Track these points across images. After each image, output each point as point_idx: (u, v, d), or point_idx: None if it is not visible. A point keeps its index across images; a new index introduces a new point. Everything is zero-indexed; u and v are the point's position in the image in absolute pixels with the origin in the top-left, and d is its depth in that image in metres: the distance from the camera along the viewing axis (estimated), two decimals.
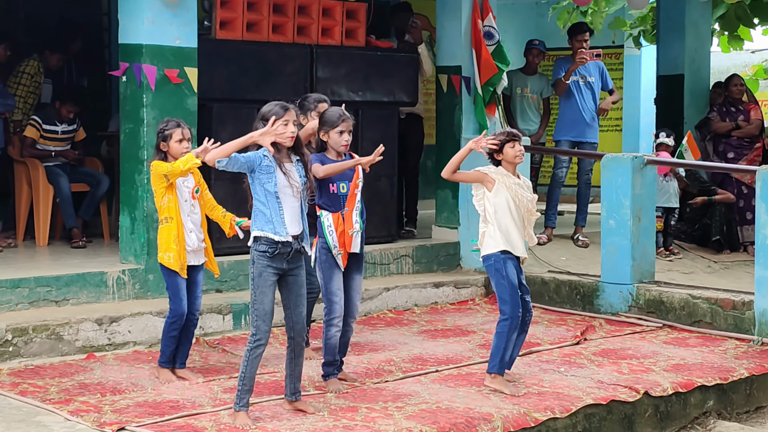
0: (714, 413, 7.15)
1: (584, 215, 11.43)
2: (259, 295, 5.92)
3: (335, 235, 6.63)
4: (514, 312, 6.66)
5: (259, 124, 5.91)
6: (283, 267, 5.97)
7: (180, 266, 6.76)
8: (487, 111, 10.36)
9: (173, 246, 6.74)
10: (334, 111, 6.70)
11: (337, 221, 6.64)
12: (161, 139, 6.78)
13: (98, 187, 10.20)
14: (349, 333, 6.87)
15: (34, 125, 10.03)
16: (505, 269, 6.66)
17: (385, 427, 5.86)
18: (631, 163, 9.20)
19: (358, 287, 6.83)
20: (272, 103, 5.98)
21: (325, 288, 6.70)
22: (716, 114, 12.36)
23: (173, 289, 6.81)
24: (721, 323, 8.55)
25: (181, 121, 6.85)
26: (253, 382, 5.98)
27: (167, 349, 6.85)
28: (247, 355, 5.93)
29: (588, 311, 9.29)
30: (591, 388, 6.81)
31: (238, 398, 5.94)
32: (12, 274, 8.03)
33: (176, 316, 6.81)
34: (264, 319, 5.91)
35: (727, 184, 11.88)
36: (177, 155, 6.74)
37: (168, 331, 6.83)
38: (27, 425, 5.88)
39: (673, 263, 10.77)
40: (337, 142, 6.62)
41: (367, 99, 9.97)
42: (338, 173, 6.60)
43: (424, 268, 10.08)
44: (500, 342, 6.68)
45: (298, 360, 6.15)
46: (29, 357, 7.34)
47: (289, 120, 5.91)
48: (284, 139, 5.90)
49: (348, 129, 6.64)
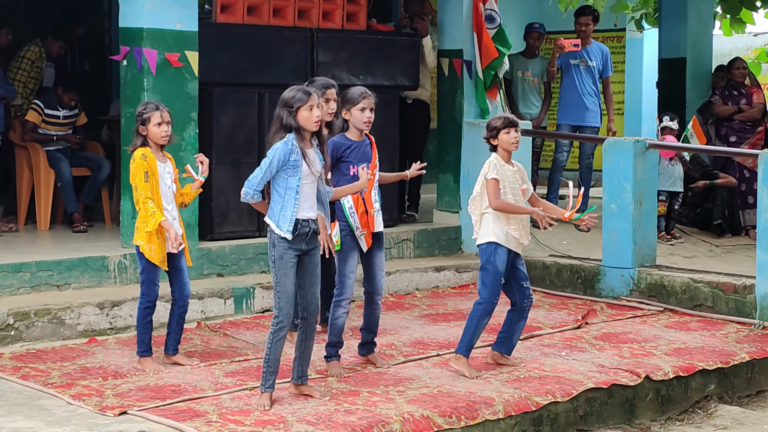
0: (715, 397, 7.15)
1: (586, 199, 11.40)
2: (281, 277, 5.92)
3: (357, 216, 6.68)
4: (491, 298, 6.69)
5: (282, 112, 5.88)
6: (303, 248, 5.98)
7: (161, 260, 6.71)
8: (488, 95, 10.35)
9: (155, 239, 6.67)
10: (356, 89, 6.77)
11: (357, 202, 6.68)
12: (140, 122, 6.69)
13: (99, 172, 10.19)
14: (378, 311, 6.90)
15: (35, 110, 10.02)
16: (494, 256, 6.67)
17: (387, 411, 5.86)
18: (633, 147, 9.19)
19: (381, 264, 6.86)
20: (294, 88, 5.95)
21: (340, 268, 6.73)
22: (718, 97, 12.34)
23: (150, 275, 6.73)
24: (722, 307, 8.55)
25: (160, 104, 6.75)
26: (278, 364, 5.98)
27: (145, 337, 6.76)
28: (270, 337, 5.94)
29: (589, 295, 9.29)
30: (592, 372, 6.81)
31: (263, 380, 5.97)
32: (13, 258, 8.04)
33: (150, 301, 6.73)
34: (287, 300, 5.92)
35: (729, 168, 11.86)
36: (156, 139, 6.68)
37: (143, 318, 6.74)
38: (29, 409, 5.89)
39: (674, 247, 10.77)
40: (359, 119, 6.66)
41: (368, 83, 9.89)
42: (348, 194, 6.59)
43: (426, 253, 10.08)
44: (470, 324, 6.73)
45: (309, 343, 6.15)
46: (31, 341, 7.35)
47: (313, 104, 5.91)
48: (311, 124, 5.90)
49: (370, 106, 6.68)
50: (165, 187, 6.73)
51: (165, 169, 6.75)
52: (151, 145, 6.71)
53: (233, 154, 9.03)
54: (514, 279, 6.82)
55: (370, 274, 6.83)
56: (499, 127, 6.71)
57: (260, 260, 8.89)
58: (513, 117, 6.79)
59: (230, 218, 9.07)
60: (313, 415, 5.77)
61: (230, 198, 9.03)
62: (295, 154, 5.85)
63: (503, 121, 6.73)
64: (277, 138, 5.89)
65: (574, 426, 6.42)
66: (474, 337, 6.75)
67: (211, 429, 5.47)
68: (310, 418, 5.73)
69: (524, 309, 6.86)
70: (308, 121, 5.89)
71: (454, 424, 5.88)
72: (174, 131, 6.87)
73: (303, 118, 5.88)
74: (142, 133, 6.70)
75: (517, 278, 6.82)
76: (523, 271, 6.84)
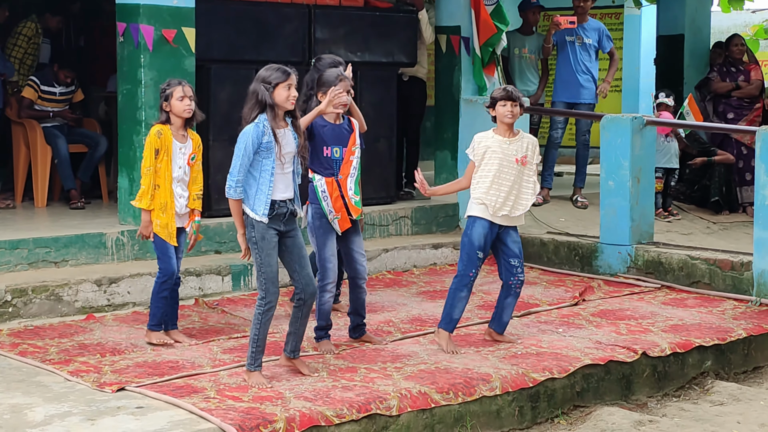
0: (712, 373, 7.17)
1: (583, 176, 11.41)
2: (265, 257, 5.91)
3: (330, 200, 6.61)
4: (464, 270, 6.73)
5: (259, 87, 5.86)
6: (281, 228, 5.97)
7: (168, 234, 6.74)
8: (485, 72, 10.33)
9: (161, 214, 6.72)
10: (331, 72, 6.71)
11: (331, 186, 6.61)
12: (163, 99, 6.75)
13: (96, 149, 10.18)
14: (363, 294, 6.86)
15: (32, 86, 10.01)
16: (471, 229, 6.72)
17: (384, 387, 5.88)
18: (631, 123, 9.18)
19: (359, 248, 6.82)
20: (271, 66, 5.93)
21: (319, 254, 6.69)
22: (716, 74, 12.33)
23: (161, 249, 6.78)
24: (719, 284, 8.56)
25: (183, 81, 6.81)
26: (265, 343, 6.00)
27: (158, 311, 6.79)
28: (258, 318, 5.93)
29: (586, 272, 9.30)
30: (589, 348, 6.83)
31: (251, 359, 5.96)
32: (11, 235, 8.04)
33: (166, 275, 6.76)
34: (272, 281, 5.92)
35: (727, 145, 11.87)
36: (180, 113, 6.71)
37: (159, 292, 6.77)
38: (27, 385, 5.91)
39: (672, 224, 10.78)
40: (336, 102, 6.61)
41: (366, 60, 9.92)
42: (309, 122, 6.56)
43: (423, 230, 10.08)
44: (448, 297, 6.80)
45: (305, 321, 6.16)
46: (29, 318, 7.36)
47: (292, 84, 5.90)
48: (286, 102, 5.89)
49: (346, 89, 6.62)
50: (176, 166, 6.75)
51: (181, 149, 6.77)
52: (174, 121, 6.74)
53: (230, 131, 8.89)
54: (502, 255, 6.82)
55: (350, 259, 6.80)
56: (496, 98, 6.73)
57: None
58: (514, 91, 6.77)
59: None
60: (310, 392, 5.79)
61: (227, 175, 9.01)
62: (267, 136, 5.84)
63: (502, 93, 6.74)
64: (251, 114, 5.88)
65: (571, 402, 6.44)
66: (452, 310, 6.75)
67: (209, 405, 5.49)
68: (308, 394, 5.74)
69: (510, 287, 6.85)
70: (284, 100, 5.88)
71: (452, 400, 5.90)
72: None
73: (279, 96, 5.86)
74: (165, 109, 6.75)
75: (505, 255, 6.82)
76: (512, 249, 6.81)
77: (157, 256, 6.84)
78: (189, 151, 6.82)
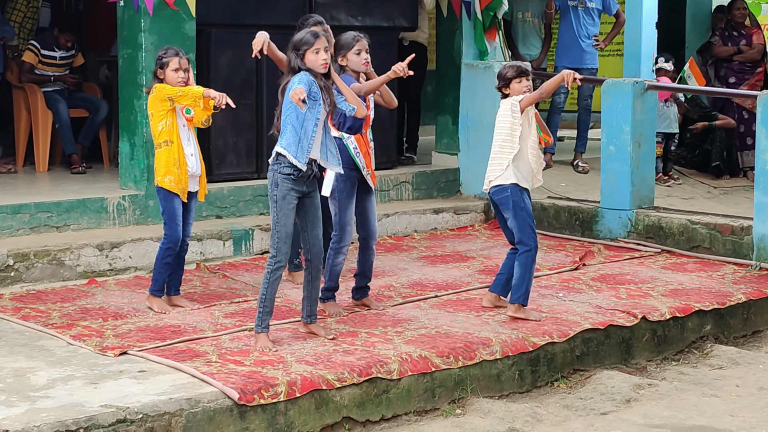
0: (711, 337, 7.20)
1: (584, 141, 11.40)
2: (282, 217, 5.94)
3: (362, 156, 6.69)
4: (535, 242, 6.69)
5: (291, 54, 5.92)
6: (303, 190, 6.00)
7: (181, 189, 6.72)
8: (487, 36, 10.29)
9: (174, 169, 6.68)
10: (348, 34, 6.72)
11: (360, 142, 6.70)
12: (158, 66, 6.72)
13: (97, 113, 10.17)
14: (372, 256, 6.90)
15: (32, 50, 9.98)
16: (521, 200, 6.67)
17: (385, 351, 5.91)
18: (632, 88, 9.16)
19: (373, 209, 6.86)
20: (302, 31, 6.01)
21: (340, 216, 6.71)
22: (718, 38, 12.29)
23: (170, 214, 6.75)
24: (719, 248, 8.58)
25: (180, 51, 6.76)
26: (273, 304, 6.03)
27: (161, 277, 6.80)
28: (267, 277, 5.97)
29: (587, 237, 9.32)
30: (589, 313, 6.85)
31: (258, 320, 6.00)
32: (12, 199, 8.05)
33: (172, 241, 6.74)
34: (285, 241, 5.95)
35: (728, 109, 11.85)
36: (172, 84, 6.68)
37: (162, 258, 6.76)
38: (30, 349, 5.93)
39: (672, 189, 10.78)
40: (357, 63, 6.62)
41: (367, 24, 9.87)
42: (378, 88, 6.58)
43: (424, 195, 10.09)
44: (524, 272, 6.67)
45: (315, 283, 6.20)
46: (31, 282, 7.39)
47: (320, 48, 5.93)
48: (318, 66, 5.91)
49: (365, 48, 6.65)
50: (181, 125, 6.74)
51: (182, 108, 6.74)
52: None
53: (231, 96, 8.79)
54: None
55: (364, 219, 6.84)
56: (511, 76, 6.70)
57: (259, 202, 8.91)
58: (524, 65, 6.77)
59: (228, 160, 9.08)
60: (312, 356, 5.82)
61: (228, 139, 9.03)
62: (316, 86, 5.90)
63: (515, 70, 6.71)
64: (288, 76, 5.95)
65: (570, 366, 6.47)
66: (530, 284, 6.70)
67: (211, 369, 5.52)
68: (309, 358, 5.77)
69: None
70: (315, 64, 5.92)
71: (452, 364, 5.93)
72: None
73: (310, 61, 5.92)
74: (159, 77, 6.71)
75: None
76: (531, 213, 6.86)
77: (164, 221, 6.79)
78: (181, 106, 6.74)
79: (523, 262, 6.68)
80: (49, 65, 10.04)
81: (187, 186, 6.75)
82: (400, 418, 5.73)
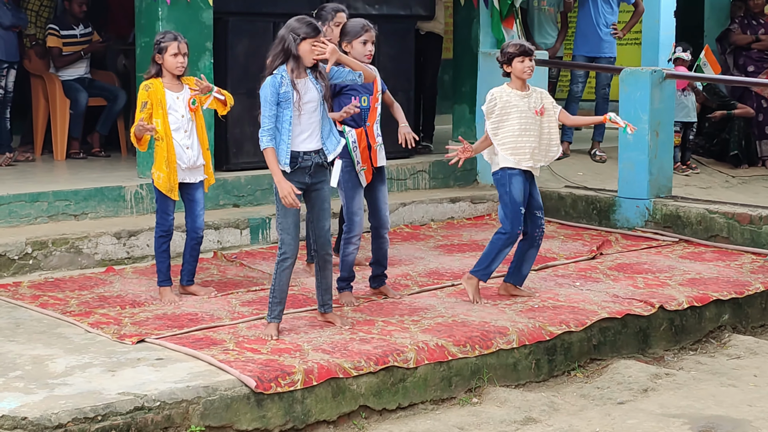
0: (729, 327, 7.18)
1: (602, 130, 11.37)
2: (284, 209, 5.94)
3: (359, 151, 6.66)
4: (513, 229, 6.71)
5: (288, 36, 5.87)
6: (306, 181, 5.98)
7: (168, 188, 6.69)
8: (504, 25, 10.25)
9: (163, 167, 6.66)
10: (356, 21, 6.71)
11: (360, 136, 6.66)
12: (157, 51, 6.66)
13: (115, 102, 10.20)
14: (386, 244, 6.89)
15: (53, 34, 10.02)
16: (510, 185, 6.67)
17: (401, 339, 5.91)
18: (650, 77, 9.13)
19: (384, 198, 6.86)
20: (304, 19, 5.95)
21: (347, 206, 6.72)
22: (737, 26, 12.23)
23: (162, 206, 6.75)
24: (737, 238, 8.55)
25: (178, 35, 6.70)
26: (285, 295, 6.03)
27: (162, 266, 6.80)
28: (276, 268, 5.98)
29: (604, 226, 9.30)
30: (606, 302, 6.84)
31: (270, 310, 6.01)
32: (31, 188, 8.08)
33: (163, 230, 6.75)
34: (289, 232, 5.95)
35: (747, 98, 11.80)
36: (171, 69, 6.64)
37: (158, 247, 6.78)
38: (48, 337, 5.96)
39: (690, 178, 10.75)
40: (361, 52, 6.60)
41: (384, 12, 9.86)
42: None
43: (441, 184, 10.08)
44: (492, 250, 6.77)
45: (325, 273, 6.20)
46: (49, 270, 7.42)
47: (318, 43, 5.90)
48: (308, 60, 5.89)
49: (371, 39, 6.63)
50: (178, 116, 6.70)
51: (178, 98, 6.71)
52: (166, 74, 6.69)
53: (248, 84, 8.96)
54: (528, 208, 6.82)
55: (375, 209, 6.83)
56: (513, 54, 6.68)
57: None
58: (528, 45, 6.74)
59: (246, 148, 9.08)
60: (328, 344, 5.82)
61: (246, 128, 9.03)
62: (284, 86, 5.85)
63: (518, 48, 6.69)
64: (274, 63, 5.90)
65: (587, 355, 6.46)
66: (493, 263, 6.77)
67: (228, 357, 5.53)
68: (326, 346, 5.78)
69: (534, 238, 6.87)
70: (307, 55, 5.89)
71: (469, 353, 5.93)
72: (189, 61, 6.80)
73: (304, 51, 5.88)
74: (157, 62, 6.67)
75: (531, 206, 6.82)
76: (537, 200, 6.85)
77: (156, 211, 6.82)
78: (187, 95, 6.72)
79: (494, 241, 6.76)
80: (71, 44, 10.08)
81: (177, 184, 6.72)
82: (417, 406, 5.74)
